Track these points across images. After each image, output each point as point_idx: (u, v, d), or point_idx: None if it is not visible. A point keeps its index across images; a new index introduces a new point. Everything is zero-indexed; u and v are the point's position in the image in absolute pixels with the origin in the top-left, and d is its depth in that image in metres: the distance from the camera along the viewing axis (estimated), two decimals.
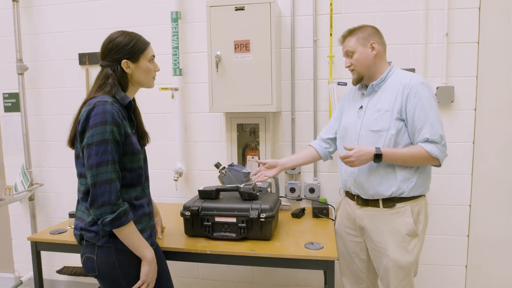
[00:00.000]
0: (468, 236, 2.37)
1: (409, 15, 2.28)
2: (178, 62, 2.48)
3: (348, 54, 1.75)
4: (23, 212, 2.89)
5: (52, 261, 2.89)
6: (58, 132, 2.80)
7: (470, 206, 2.35)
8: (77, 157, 1.43)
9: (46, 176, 2.86)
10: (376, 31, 1.75)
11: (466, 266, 2.40)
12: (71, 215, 2.03)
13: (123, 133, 1.38)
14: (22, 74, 2.72)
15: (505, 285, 2.37)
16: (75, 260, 2.81)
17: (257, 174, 1.94)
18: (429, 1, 2.25)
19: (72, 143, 1.46)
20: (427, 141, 1.59)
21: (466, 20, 2.24)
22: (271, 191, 2.29)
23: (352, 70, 1.77)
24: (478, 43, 2.24)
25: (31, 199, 2.81)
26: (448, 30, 2.23)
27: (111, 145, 1.32)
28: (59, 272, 2.79)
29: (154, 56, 1.52)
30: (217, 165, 2.20)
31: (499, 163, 2.30)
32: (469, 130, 2.30)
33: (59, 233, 1.93)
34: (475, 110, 2.28)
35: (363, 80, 1.76)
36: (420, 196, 1.70)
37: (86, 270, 1.42)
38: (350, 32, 1.75)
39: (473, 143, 2.30)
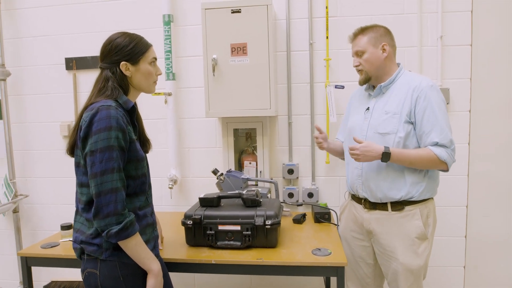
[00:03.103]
0: (465, 236, 2.39)
1: (404, 18, 2.30)
2: (171, 66, 2.41)
3: (358, 53, 1.73)
4: (7, 226, 2.74)
5: (39, 276, 2.74)
6: (43, 140, 2.67)
7: (467, 207, 2.37)
8: (77, 165, 1.34)
9: (31, 187, 2.72)
10: (388, 32, 1.74)
11: (464, 267, 2.41)
12: (63, 227, 1.93)
13: (128, 139, 1.31)
14: (4, 80, 2.59)
15: (502, 285, 2.39)
16: (63, 274, 2.68)
17: (318, 140, 1.94)
18: (423, 4, 2.28)
19: (71, 150, 1.37)
20: (436, 144, 1.58)
21: (460, 23, 2.27)
22: (270, 197, 2.24)
23: (359, 70, 1.75)
24: (471, 45, 2.28)
25: (15, 211, 2.67)
26: (442, 33, 2.26)
27: (116, 152, 1.25)
28: (46, 287, 2.65)
29: (155, 58, 1.46)
30: (215, 172, 2.14)
31: (494, 164, 2.33)
32: (464, 132, 2.32)
33: (51, 247, 1.82)
34: (469, 111, 2.31)
35: (371, 81, 1.75)
36: (428, 199, 1.69)
37: (87, 286, 1.33)
38: (362, 31, 1.73)
39: (469, 144, 2.33)
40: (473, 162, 2.34)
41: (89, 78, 2.52)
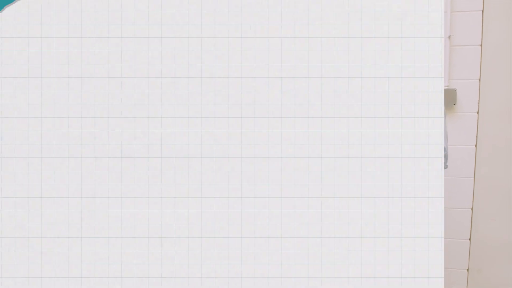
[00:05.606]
0: (470, 239, 2.37)
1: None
2: None
3: None
4: None
5: None
6: None
7: (472, 209, 2.34)
8: None
9: None
10: None
11: (467, 270, 2.39)
12: None
13: None
14: None
15: None
16: None
17: None
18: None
19: None
20: None
21: (469, 23, 2.23)
22: None
23: None
24: (481, 46, 2.24)
25: None
26: (450, 32, 2.23)
27: None
28: None
29: None
30: None
31: (501, 166, 2.30)
32: (471, 133, 2.29)
33: None
34: (477, 113, 2.28)
35: None
36: None
37: None
38: None
39: (476, 146, 2.30)
40: (480, 164, 2.31)
41: None
